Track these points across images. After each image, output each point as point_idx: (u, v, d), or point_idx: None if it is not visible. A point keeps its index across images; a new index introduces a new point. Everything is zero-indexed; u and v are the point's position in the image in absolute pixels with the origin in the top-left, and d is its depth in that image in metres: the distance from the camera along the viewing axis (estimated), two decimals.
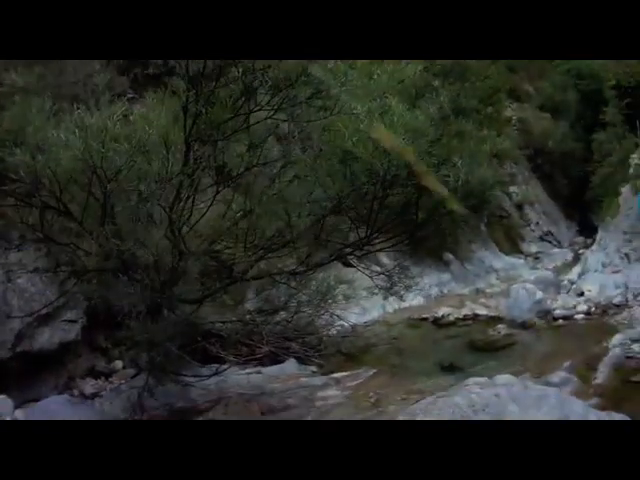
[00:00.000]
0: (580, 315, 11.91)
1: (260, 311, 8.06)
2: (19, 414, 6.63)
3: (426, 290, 13.80)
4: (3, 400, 6.53)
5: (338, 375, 8.94)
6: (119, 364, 8.42)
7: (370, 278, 8.35)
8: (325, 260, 7.45)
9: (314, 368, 9.08)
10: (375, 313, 12.31)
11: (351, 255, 7.74)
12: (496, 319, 12.15)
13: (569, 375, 8.37)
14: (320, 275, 7.90)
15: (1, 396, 6.62)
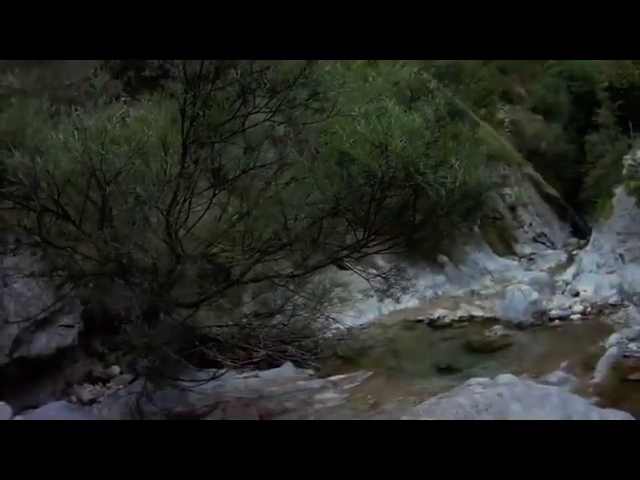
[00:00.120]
0: (576, 315, 11.97)
1: (256, 315, 8.01)
2: None
3: (421, 292, 13.82)
4: (1, 407, 6.48)
5: (335, 378, 8.93)
6: (116, 369, 8.38)
7: (367, 280, 8.32)
8: (322, 262, 7.40)
9: (311, 371, 9.06)
10: (371, 315, 12.33)
11: (348, 257, 7.69)
12: (492, 320, 12.20)
13: (567, 375, 8.41)
14: (316, 278, 7.87)
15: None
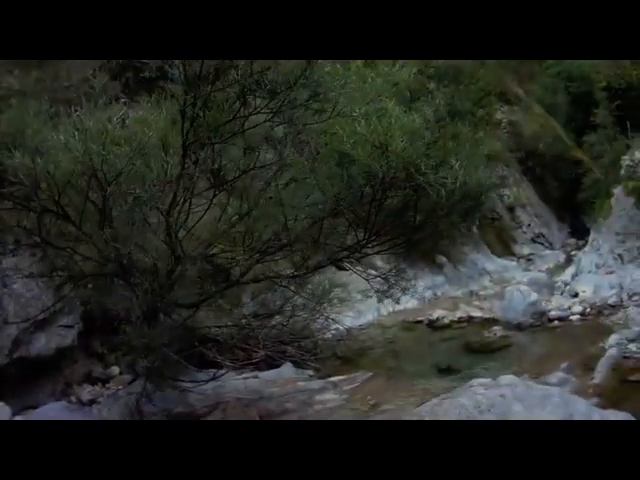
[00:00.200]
0: (575, 316, 11.98)
1: (256, 315, 8.01)
2: None
3: (420, 293, 13.81)
4: (1, 407, 6.46)
5: (335, 379, 8.92)
6: (116, 370, 8.37)
7: (366, 281, 8.31)
8: (323, 263, 7.39)
9: (311, 372, 9.06)
10: (370, 316, 12.32)
11: (349, 258, 7.69)
12: (491, 321, 12.21)
13: (567, 376, 8.41)
14: (315, 278, 7.87)
15: None
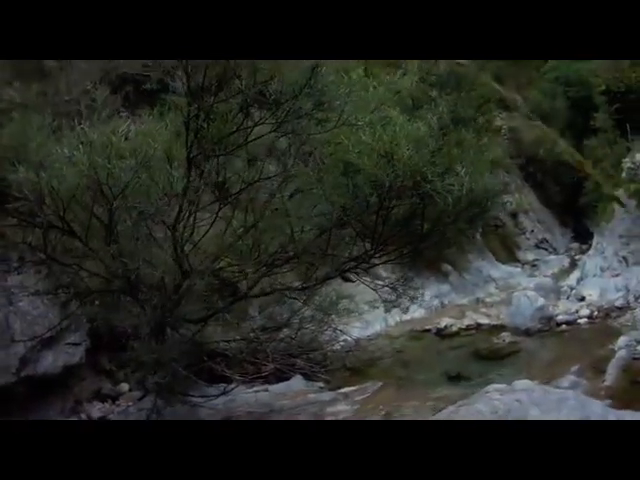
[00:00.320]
0: (583, 319, 11.96)
1: (264, 329, 7.97)
2: None
3: (427, 302, 13.75)
4: None
5: (346, 390, 8.85)
6: (125, 386, 8.31)
7: (375, 291, 8.27)
8: (331, 274, 7.36)
9: (321, 384, 9.00)
10: (377, 326, 12.29)
11: (356, 268, 7.66)
12: (499, 327, 12.18)
13: (578, 379, 8.38)
14: (322, 290, 7.84)
15: None
